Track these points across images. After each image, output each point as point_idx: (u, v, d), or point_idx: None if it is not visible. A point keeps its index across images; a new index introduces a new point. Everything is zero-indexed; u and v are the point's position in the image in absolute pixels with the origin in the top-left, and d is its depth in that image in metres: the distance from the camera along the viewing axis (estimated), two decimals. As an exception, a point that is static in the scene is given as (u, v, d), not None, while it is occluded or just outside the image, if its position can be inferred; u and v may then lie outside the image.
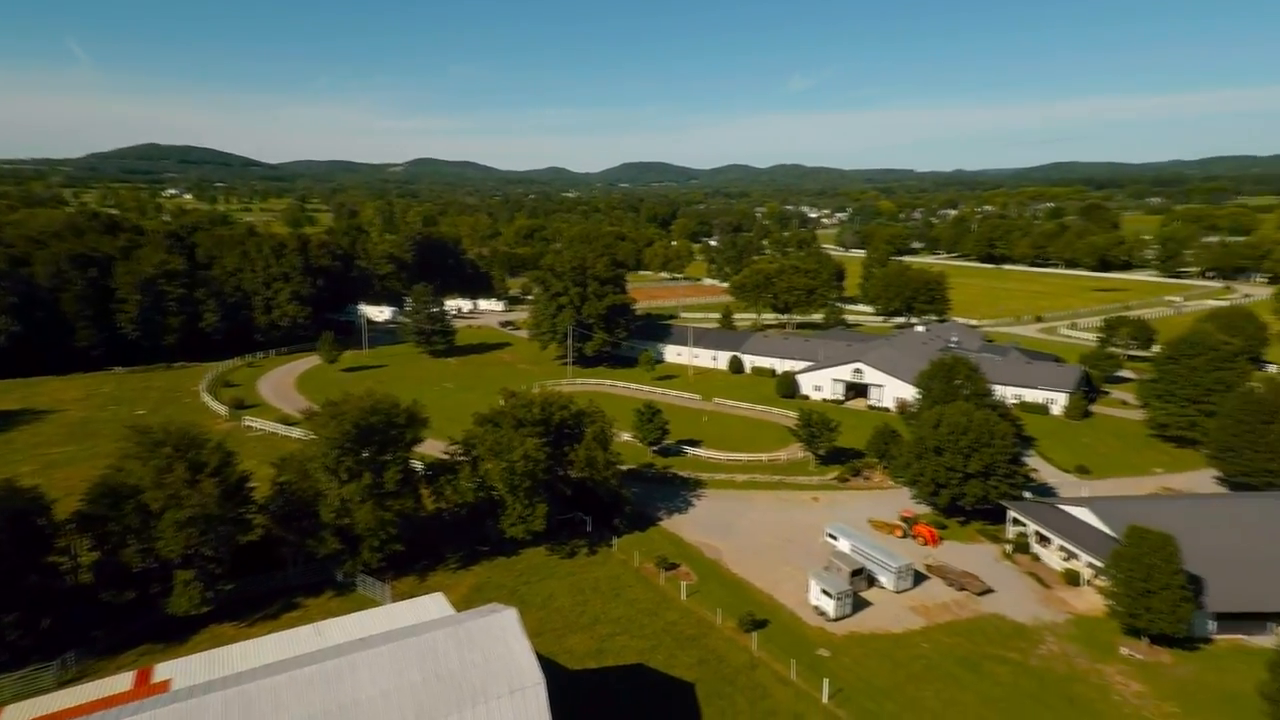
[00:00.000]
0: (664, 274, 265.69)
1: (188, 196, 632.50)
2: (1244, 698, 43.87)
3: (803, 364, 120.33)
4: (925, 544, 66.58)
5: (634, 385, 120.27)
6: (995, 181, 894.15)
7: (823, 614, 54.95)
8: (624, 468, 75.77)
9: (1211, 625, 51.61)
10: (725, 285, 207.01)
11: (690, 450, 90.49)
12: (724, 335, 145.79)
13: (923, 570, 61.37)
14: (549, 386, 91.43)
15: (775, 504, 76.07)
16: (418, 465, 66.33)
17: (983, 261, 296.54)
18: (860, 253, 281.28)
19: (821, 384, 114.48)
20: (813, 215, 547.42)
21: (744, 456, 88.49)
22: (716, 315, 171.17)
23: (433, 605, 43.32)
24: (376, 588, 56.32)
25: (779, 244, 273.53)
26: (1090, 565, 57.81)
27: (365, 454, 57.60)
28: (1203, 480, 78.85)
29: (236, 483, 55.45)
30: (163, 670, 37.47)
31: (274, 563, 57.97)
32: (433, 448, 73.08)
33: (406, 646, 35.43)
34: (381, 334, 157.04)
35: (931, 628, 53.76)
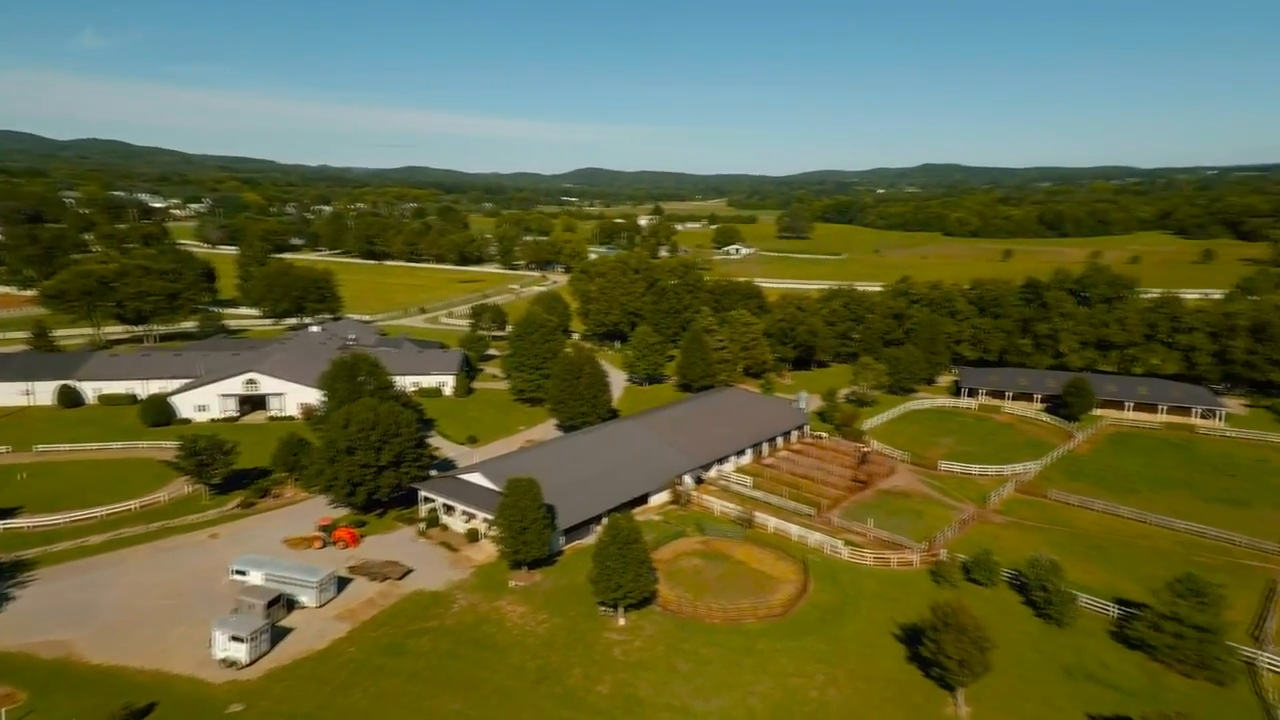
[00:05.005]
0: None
1: None
2: (581, 587, 59.85)
3: (178, 382, 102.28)
4: (347, 546, 66.90)
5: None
6: (361, 180, 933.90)
7: (233, 664, 49.20)
8: None
9: (562, 540, 69.14)
10: (31, 293, 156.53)
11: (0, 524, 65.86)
12: (42, 359, 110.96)
13: (346, 574, 61.66)
14: None
15: (158, 556, 63.48)
16: None
17: (364, 258, 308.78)
18: (232, 249, 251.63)
19: (207, 402, 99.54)
20: (158, 205, 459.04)
21: (100, 511, 70.36)
22: (22, 334, 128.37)
23: None
24: None
25: (114, 238, 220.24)
26: (485, 521, 69.09)
27: None
28: (549, 429, 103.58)
29: None
30: None
31: None
32: None
33: None
34: None
35: (357, 629, 54.83)
